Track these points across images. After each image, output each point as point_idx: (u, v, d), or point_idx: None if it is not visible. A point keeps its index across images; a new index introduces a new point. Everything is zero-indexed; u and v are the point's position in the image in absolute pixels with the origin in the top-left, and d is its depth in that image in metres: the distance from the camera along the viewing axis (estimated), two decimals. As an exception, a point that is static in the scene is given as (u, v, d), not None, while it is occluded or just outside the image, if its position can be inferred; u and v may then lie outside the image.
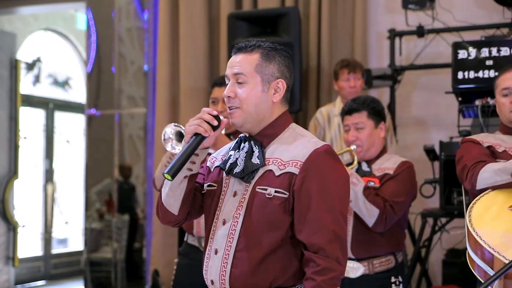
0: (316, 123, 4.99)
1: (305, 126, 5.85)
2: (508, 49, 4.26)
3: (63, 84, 10.12)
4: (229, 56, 5.91)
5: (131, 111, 7.05)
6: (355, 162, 3.21)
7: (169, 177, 2.19)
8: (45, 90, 9.80)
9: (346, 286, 3.17)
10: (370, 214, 3.04)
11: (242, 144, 2.30)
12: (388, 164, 3.22)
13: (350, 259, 3.15)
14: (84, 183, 7.55)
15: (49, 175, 9.43)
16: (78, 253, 8.82)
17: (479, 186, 2.67)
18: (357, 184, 3.05)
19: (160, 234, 6.16)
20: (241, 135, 2.34)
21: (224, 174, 2.31)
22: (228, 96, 2.26)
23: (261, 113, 2.26)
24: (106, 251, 7.03)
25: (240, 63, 2.26)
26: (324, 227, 2.15)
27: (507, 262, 2.26)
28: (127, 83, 7.08)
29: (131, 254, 6.95)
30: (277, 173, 2.20)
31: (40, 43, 9.73)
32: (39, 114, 9.44)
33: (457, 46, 4.43)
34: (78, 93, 10.00)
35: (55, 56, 9.97)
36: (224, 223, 2.25)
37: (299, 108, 5.39)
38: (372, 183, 3.15)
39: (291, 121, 2.34)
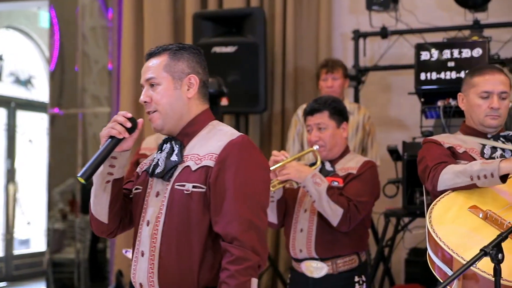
0: (297, 120, 5.00)
1: (270, 125, 5.88)
2: (469, 51, 4.32)
3: (26, 82, 9.97)
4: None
5: (95, 111, 6.97)
6: (318, 162, 3.23)
7: (82, 180, 2.17)
8: (7, 88, 9.64)
9: (311, 286, 3.19)
10: (334, 213, 3.05)
11: (164, 145, 2.31)
12: (351, 164, 3.24)
13: (314, 259, 3.16)
14: (47, 183, 7.44)
15: (10, 175, 9.28)
16: (41, 254, 8.69)
17: (439, 187, 2.69)
18: (320, 184, 3.06)
19: (123, 234, 6.10)
20: (165, 138, 2.34)
21: (149, 177, 2.31)
22: (145, 102, 2.28)
23: (178, 110, 2.27)
24: (69, 251, 6.95)
25: (150, 68, 2.28)
26: (240, 217, 2.13)
27: (465, 263, 2.29)
28: (91, 82, 7.01)
29: (95, 254, 6.87)
30: (193, 168, 2.20)
31: (2, 41, 9.58)
32: (1, 113, 9.29)
33: (419, 48, 4.48)
34: (41, 92, 9.85)
35: (18, 55, 9.82)
36: (148, 224, 2.23)
37: (264, 108, 5.40)
38: (335, 183, 3.16)
39: (213, 118, 2.35)
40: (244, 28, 5.39)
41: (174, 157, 2.24)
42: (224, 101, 5.12)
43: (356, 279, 3.20)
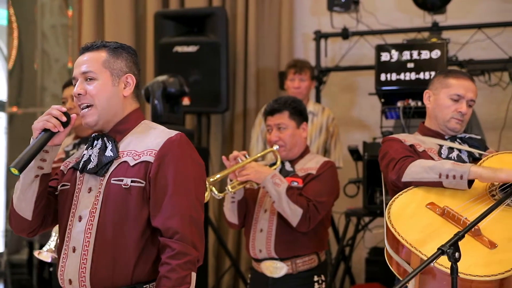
0: (261, 119, 5.01)
1: (232, 125, 5.88)
2: (428, 52, 4.39)
3: (-17, 81, 9.79)
4: (156, 55, 5.88)
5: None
6: (278, 162, 3.23)
7: (16, 171, 2.13)
8: (-36, 87, 9.46)
9: (270, 285, 3.19)
10: (293, 214, 3.06)
11: (95, 142, 2.29)
12: (311, 164, 3.26)
13: (274, 259, 3.17)
14: (4, 183, 7.33)
15: (-33, 175, 9.11)
16: (-1, 255, 8.55)
17: (404, 178, 2.72)
18: (280, 185, 3.07)
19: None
20: (93, 134, 2.32)
21: (78, 173, 2.28)
22: (79, 94, 2.24)
23: (113, 107, 2.26)
24: (28, 253, 6.84)
25: (88, 61, 2.26)
26: (180, 212, 2.15)
27: (423, 257, 2.33)
28: (51, 81, 6.92)
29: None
30: (132, 163, 2.19)
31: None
32: (-42, 112, 9.11)
33: (380, 49, 4.53)
34: (-1, 90, 9.69)
35: (-25, 52, 9.63)
36: (80, 219, 2.20)
37: (225, 108, 5.40)
38: (295, 183, 3.17)
39: (144, 117, 2.36)
40: (206, 27, 5.39)
41: (109, 153, 2.23)
42: (185, 101, 5.10)
43: (316, 278, 3.21)
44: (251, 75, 5.81)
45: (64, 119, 2.22)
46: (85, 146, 2.33)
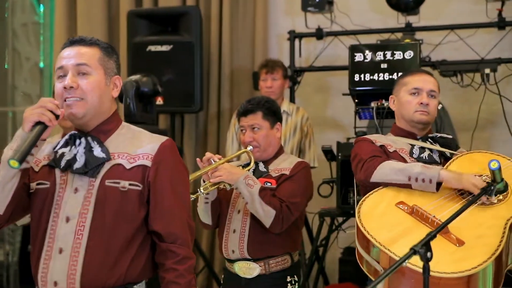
0: (236, 119, 4.98)
1: (206, 125, 5.85)
2: (401, 53, 4.41)
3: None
4: (129, 54, 5.82)
5: (26, 109, 6.81)
6: (252, 163, 3.22)
7: (16, 164, 2.05)
8: None
9: (243, 286, 3.18)
10: (267, 215, 3.05)
11: (78, 140, 2.23)
12: (284, 165, 3.24)
13: (247, 259, 3.15)
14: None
15: None
16: (-31, 257, 8.42)
17: (373, 179, 2.74)
18: (253, 186, 3.05)
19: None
20: (71, 132, 2.27)
21: (58, 172, 2.22)
22: (71, 87, 2.16)
23: (103, 106, 2.23)
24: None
25: (83, 55, 2.21)
26: (179, 217, 2.21)
27: (392, 256, 2.33)
28: (22, 79, 6.83)
29: (25, 257, 6.69)
30: (127, 166, 2.19)
31: None
32: None
33: (353, 49, 4.54)
34: (-30, 89, 9.56)
35: None
36: (67, 220, 2.16)
37: (200, 107, 5.36)
38: (269, 184, 3.16)
39: (121, 119, 2.35)
40: (179, 27, 5.35)
41: (100, 154, 2.19)
42: (159, 100, 5.07)
43: (289, 279, 3.20)
44: (225, 75, 5.79)
45: (59, 112, 2.13)
46: (57, 144, 2.27)
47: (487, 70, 4.99)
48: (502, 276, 2.43)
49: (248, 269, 3.15)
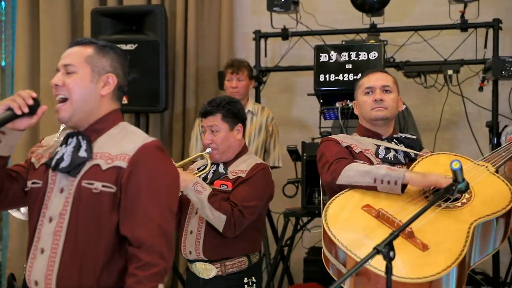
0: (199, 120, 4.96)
1: (171, 125, 5.82)
2: (366, 54, 4.44)
3: None
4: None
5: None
6: (209, 167, 3.19)
7: None
8: None
9: (201, 286, 3.17)
10: (217, 220, 3.04)
11: (70, 139, 2.25)
12: (242, 167, 3.22)
13: (203, 260, 3.15)
14: None
15: None
16: None
17: (339, 181, 2.74)
18: (202, 192, 3.03)
19: (17, 237, 5.90)
20: (69, 131, 2.29)
21: (50, 171, 2.24)
22: (56, 85, 2.22)
23: (88, 104, 2.22)
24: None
25: (72, 55, 2.25)
26: (150, 221, 2.12)
27: (358, 260, 2.34)
28: (-17, 78, 6.71)
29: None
30: (104, 167, 2.16)
31: None
32: None
33: (319, 50, 4.56)
34: None
35: None
36: (50, 220, 2.16)
37: (165, 107, 5.32)
38: (225, 187, 3.14)
39: (122, 119, 2.32)
40: (144, 25, 5.31)
41: (82, 153, 2.18)
42: (123, 100, 5.00)
43: (246, 280, 3.19)
44: (191, 74, 5.76)
45: (30, 102, 2.16)
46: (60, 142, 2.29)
47: (450, 72, 5.05)
48: (465, 278, 2.47)
49: (205, 270, 3.15)
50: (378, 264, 2.22)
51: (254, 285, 3.20)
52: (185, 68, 5.79)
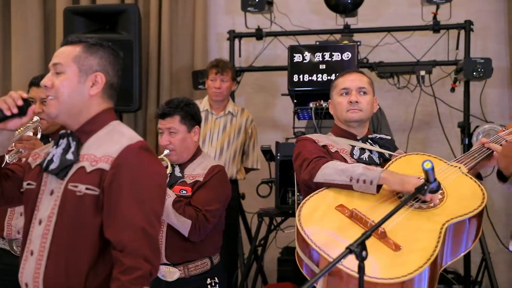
0: None
1: (145, 124, 5.79)
2: (339, 54, 4.46)
3: None
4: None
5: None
6: (169, 169, 3.18)
7: None
8: None
9: None
10: (183, 225, 3.03)
11: (61, 141, 2.23)
12: (199, 170, 3.21)
13: (166, 264, 3.15)
14: None
15: None
16: None
17: (317, 179, 2.74)
18: (166, 199, 3.02)
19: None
20: (62, 132, 2.27)
21: (44, 173, 2.23)
22: (45, 86, 2.21)
23: (76, 104, 2.19)
24: None
25: (61, 54, 2.23)
26: (133, 224, 2.08)
27: (331, 260, 2.34)
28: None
29: None
30: (88, 169, 2.13)
31: None
32: None
33: (293, 50, 4.57)
34: None
35: None
36: (40, 223, 2.16)
37: (138, 107, 5.29)
38: (184, 192, 3.13)
39: (114, 118, 2.28)
40: (118, 25, 5.27)
41: (69, 155, 2.17)
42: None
43: (209, 281, 3.20)
44: (165, 73, 5.74)
45: (19, 102, 2.17)
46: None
47: (422, 72, 5.10)
48: (437, 278, 2.48)
49: (168, 273, 3.15)
50: (350, 264, 2.22)
51: (217, 285, 3.20)
52: (159, 67, 5.77)
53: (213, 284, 3.19)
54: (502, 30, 5.53)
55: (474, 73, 4.81)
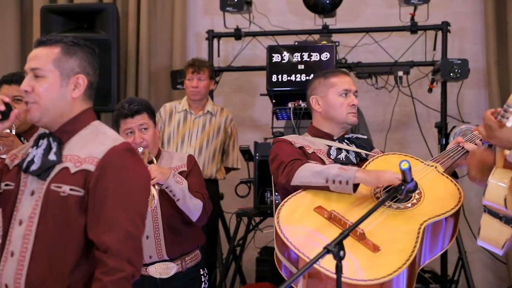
0: (159, 117, 4.92)
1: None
2: (318, 54, 4.47)
3: None
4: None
5: None
6: (155, 161, 3.19)
7: None
8: None
9: (160, 286, 3.16)
10: (196, 208, 3.08)
11: (41, 141, 2.22)
12: (177, 162, 3.26)
13: (164, 260, 3.14)
14: None
15: None
16: None
17: (294, 182, 2.75)
18: (182, 182, 3.06)
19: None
20: (40, 132, 2.26)
21: (22, 173, 2.21)
22: (25, 91, 2.18)
23: (59, 108, 2.19)
24: None
25: (38, 57, 2.20)
26: (117, 226, 2.09)
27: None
28: None
29: None
30: (72, 170, 2.13)
31: None
32: None
33: (271, 50, 4.57)
34: None
35: None
36: (20, 223, 2.15)
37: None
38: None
39: (95, 118, 2.28)
40: (96, 24, 5.23)
41: (52, 156, 2.15)
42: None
43: (201, 272, 3.28)
44: (143, 73, 5.72)
45: (2, 107, 2.17)
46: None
47: (400, 73, 5.12)
48: (415, 278, 2.50)
49: (165, 269, 3.18)
50: (328, 265, 2.23)
51: (207, 276, 3.27)
52: (137, 67, 5.74)
53: (204, 275, 3.29)
54: (479, 31, 5.58)
55: (451, 74, 4.85)
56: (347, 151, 2.98)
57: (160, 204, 3.13)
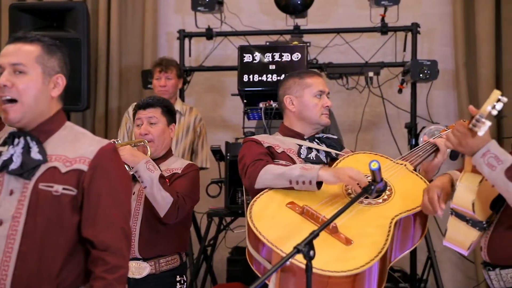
0: (127, 117, 4.89)
1: (94, 124, 5.72)
2: (289, 55, 4.48)
3: None
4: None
5: None
6: (149, 153, 3.18)
7: None
8: None
9: (132, 286, 3.13)
10: (164, 201, 3.02)
11: (16, 140, 2.19)
12: (176, 165, 3.25)
13: (137, 259, 3.11)
14: None
15: None
16: None
17: (257, 185, 2.77)
18: (153, 171, 3.03)
19: None
20: (11, 130, 2.23)
21: None
22: (4, 85, 2.15)
23: (40, 107, 2.18)
24: None
25: (19, 53, 2.17)
26: (113, 224, 2.15)
27: (283, 255, 2.36)
28: None
29: None
30: (63, 170, 2.14)
31: None
32: None
33: (243, 50, 4.57)
34: None
35: None
36: (1, 224, 2.11)
37: (86, 106, 5.22)
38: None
39: (66, 119, 2.30)
40: (65, 22, 5.18)
41: (36, 155, 2.14)
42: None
43: (178, 278, 3.21)
44: (114, 73, 5.68)
45: None
46: None
47: (370, 74, 5.16)
48: (386, 273, 2.53)
49: (138, 269, 3.11)
50: (302, 258, 2.24)
51: (185, 283, 3.21)
52: (107, 66, 5.71)
53: (182, 282, 3.21)
54: (448, 33, 5.64)
55: (421, 75, 4.90)
56: (318, 150, 3.00)
57: (144, 200, 3.11)
